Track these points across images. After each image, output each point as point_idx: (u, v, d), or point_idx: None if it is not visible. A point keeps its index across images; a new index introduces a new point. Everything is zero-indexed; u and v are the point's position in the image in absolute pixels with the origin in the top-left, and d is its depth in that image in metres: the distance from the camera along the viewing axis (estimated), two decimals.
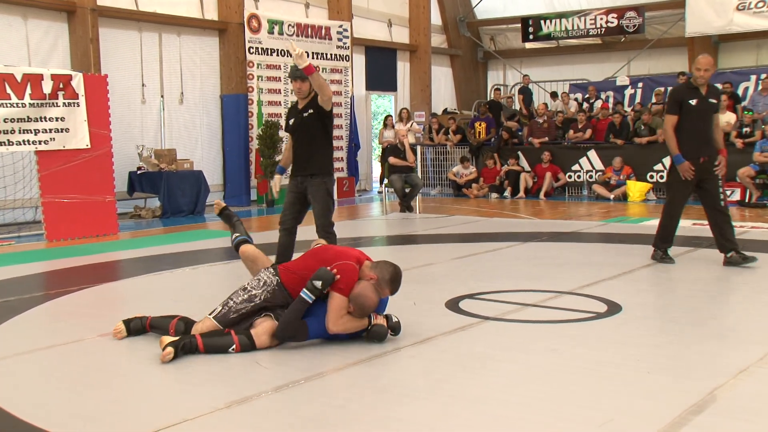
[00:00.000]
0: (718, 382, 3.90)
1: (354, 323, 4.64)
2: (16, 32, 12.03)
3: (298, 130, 6.59)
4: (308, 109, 6.47)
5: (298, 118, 6.56)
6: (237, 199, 14.81)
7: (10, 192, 10.95)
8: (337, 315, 4.57)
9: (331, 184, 6.64)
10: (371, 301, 4.62)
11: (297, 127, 6.59)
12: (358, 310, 4.61)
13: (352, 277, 4.62)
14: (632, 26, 18.98)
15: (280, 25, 15.41)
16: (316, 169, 6.55)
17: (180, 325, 4.80)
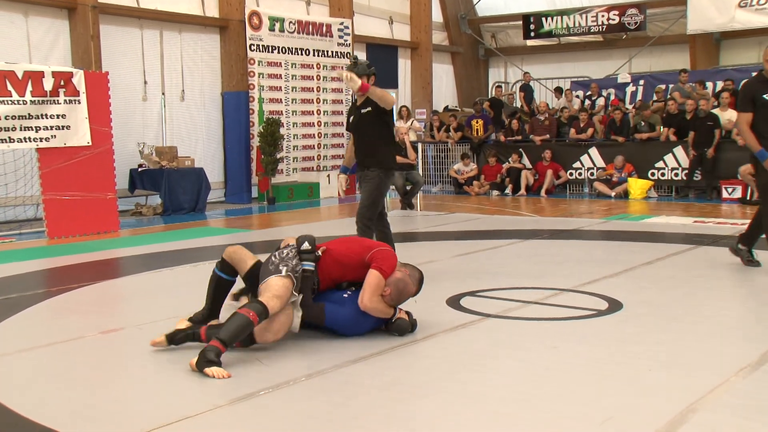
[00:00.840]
0: (719, 379, 3.90)
1: (384, 307, 4.69)
2: (17, 29, 12.03)
3: (358, 128, 6.57)
4: (366, 107, 6.45)
5: (357, 116, 6.55)
6: (238, 197, 14.83)
7: (11, 189, 10.95)
8: (373, 292, 4.61)
9: (385, 179, 6.56)
10: (410, 289, 4.78)
11: (357, 124, 6.57)
12: (396, 295, 4.71)
13: (393, 262, 4.75)
14: (634, 23, 18.96)
15: (281, 22, 15.40)
16: (377, 164, 6.51)
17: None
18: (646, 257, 7.62)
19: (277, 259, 4.64)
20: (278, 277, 4.51)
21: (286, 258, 4.65)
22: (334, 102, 16.69)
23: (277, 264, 4.60)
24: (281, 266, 4.57)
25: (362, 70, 6.38)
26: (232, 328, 4.23)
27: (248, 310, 4.30)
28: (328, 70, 16.43)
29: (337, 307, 4.72)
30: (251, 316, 4.26)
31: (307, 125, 16.22)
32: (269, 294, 4.44)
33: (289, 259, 4.64)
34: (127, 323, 5.43)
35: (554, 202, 14.20)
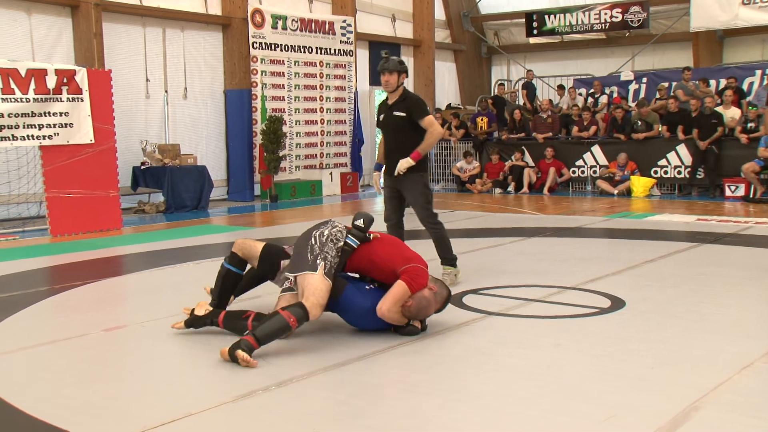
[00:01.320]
0: (721, 377, 3.90)
1: (399, 317, 4.71)
2: (20, 27, 12.04)
3: (389, 126, 6.46)
4: (399, 110, 6.33)
5: (389, 117, 6.43)
6: (240, 195, 14.83)
7: (14, 187, 10.97)
8: (395, 302, 4.62)
9: (426, 177, 6.50)
10: (431, 309, 4.81)
11: (388, 122, 6.46)
12: (415, 311, 4.71)
13: (423, 282, 4.72)
14: (637, 21, 18.92)
15: (284, 20, 15.39)
16: (412, 168, 6.35)
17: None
18: (648, 255, 7.62)
19: (317, 246, 4.61)
20: (322, 279, 4.50)
21: (327, 242, 4.65)
22: (336, 100, 16.68)
23: (317, 255, 4.58)
24: (319, 260, 4.55)
25: (394, 66, 6.25)
26: (270, 329, 4.26)
27: (290, 314, 4.31)
28: (331, 68, 16.42)
29: (356, 292, 4.74)
30: (291, 321, 4.29)
31: (309, 123, 16.21)
32: (314, 300, 4.43)
33: (328, 243, 4.64)
34: (129, 321, 5.44)
35: (557, 199, 14.19)
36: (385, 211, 6.69)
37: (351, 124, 17.00)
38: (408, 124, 6.32)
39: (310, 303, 4.39)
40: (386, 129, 6.53)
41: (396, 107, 6.37)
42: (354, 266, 4.86)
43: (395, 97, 6.38)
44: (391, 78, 6.27)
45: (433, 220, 6.50)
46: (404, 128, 6.34)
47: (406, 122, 6.32)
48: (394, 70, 6.25)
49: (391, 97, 6.42)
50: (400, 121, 6.34)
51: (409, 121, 6.31)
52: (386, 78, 6.28)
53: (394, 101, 6.39)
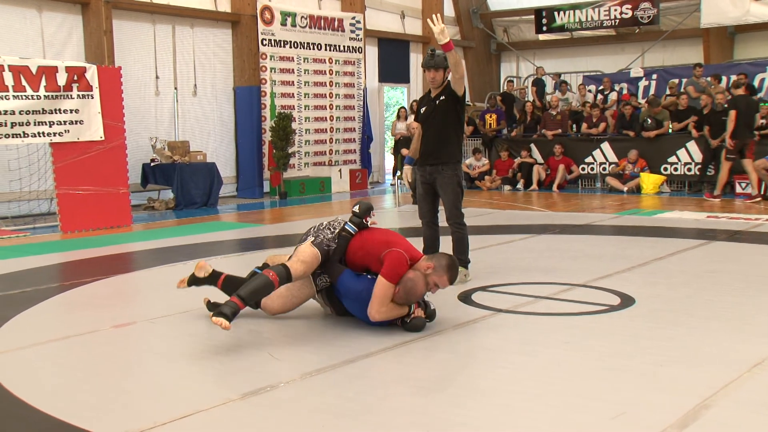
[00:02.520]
0: (732, 375, 3.88)
1: (395, 311, 4.71)
2: (31, 25, 12.09)
3: (430, 118, 6.44)
4: (441, 95, 6.36)
5: (431, 106, 6.44)
6: (250, 192, 14.86)
7: (25, 184, 11.02)
8: (381, 302, 4.62)
9: (461, 174, 6.48)
10: (419, 289, 4.70)
11: (429, 114, 6.45)
12: (404, 295, 4.67)
13: (401, 270, 4.67)
14: (647, 17, 18.84)
15: (293, 17, 15.40)
16: (447, 157, 6.37)
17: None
18: (658, 252, 7.60)
19: (312, 231, 4.88)
20: (308, 245, 4.72)
21: (323, 229, 4.87)
22: (345, 97, 16.69)
23: (312, 233, 4.85)
24: (312, 235, 4.81)
25: (441, 63, 6.25)
26: (252, 287, 4.44)
27: (273, 273, 4.46)
28: (340, 64, 16.42)
29: (352, 276, 4.83)
30: (272, 276, 4.43)
31: (318, 120, 16.23)
32: (295, 258, 4.63)
33: (325, 229, 4.85)
34: (140, 317, 5.46)
35: (566, 196, 14.16)
36: (419, 208, 6.69)
37: (360, 120, 17.00)
38: (451, 108, 6.34)
39: (292, 261, 4.57)
40: (429, 121, 6.48)
41: (437, 96, 6.41)
42: (351, 257, 4.92)
43: (439, 90, 6.40)
44: (438, 75, 6.31)
45: (459, 220, 6.51)
46: (446, 113, 6.35)
47: (449, 104, 6.33)
48: (441, 66, 6.27)
49: (434, 91, 6.44)
50: (442, 105, 6.35)
51: (451, 103, 6.32)
52: (432, 75, 6.32)
53: (437, 93, 6.41)
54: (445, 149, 6.37)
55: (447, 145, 6.38)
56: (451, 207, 6.45)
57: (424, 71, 6.42)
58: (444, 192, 6.44)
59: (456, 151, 6.47)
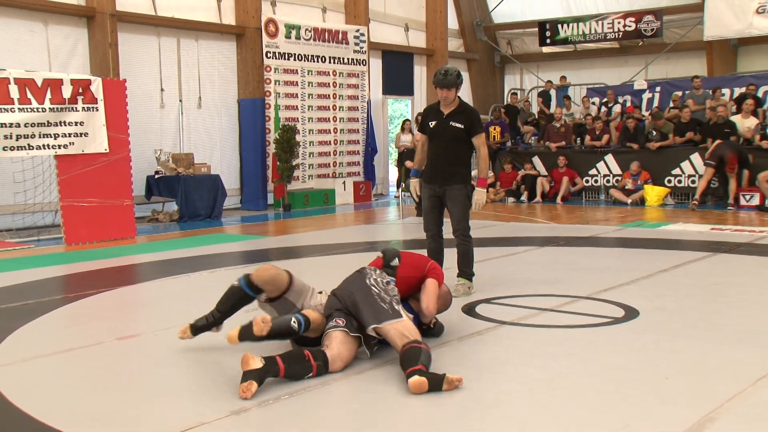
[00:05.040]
0: (736, 388, 3.87)
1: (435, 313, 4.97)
2: (37, 37, 12.15)
3: (442, 136, 6.40)
4: (457, 122, 6.33)
5: (442, 125, 6.39)
6: (254, 204, 14.88)
7: (30, 196, 11.04)
8: (435, 297, 4.90)
9: (471, 191, 6.47)
10: (450, 302, 5.23)
11: (441, 132, 6.41)
12: (442, 306, 5.10)
13: (442, 273, 5.13)
14: (650, 30, 18.89)
15: (297, 30, 15.46)
16: (459, 179, 6.38)
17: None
18: (662, 265, 7.58)
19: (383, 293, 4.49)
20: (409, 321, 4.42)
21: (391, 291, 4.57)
22: (349, 109, 16.72)
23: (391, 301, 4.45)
24: (396, 305, 4.43)
25: (453, 82, 6.24)
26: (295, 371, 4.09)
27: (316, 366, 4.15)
28: (344, 77, 16.47)
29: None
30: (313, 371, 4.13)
31: (322, 132, 16.26)
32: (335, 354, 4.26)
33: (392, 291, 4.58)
34: (143, 329, 5.46)
35: (570, 209, 14.15)
36: (425, 222, 6.66)
37: (364, 133, 17.03)
38: (464, 136, 6.35)
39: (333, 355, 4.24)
40: (438, 138, 6.43)
41: (453, 118, 6.36)
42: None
43: (452, 107, 6.38)
44: (450, 94, 6.30)
45: (466, 232, 6.50)
46: (459, 139, 6.36)
47: (463, 134, 6.34)
48: (453, 85, 6.26)
49: (447, 106, 6.40)
50: (457, 132, 6.34)
51: (466, 134, 6.34)
52: (445, 93, 6.30)
53: (450, 111, 6.38)
54: (457, 171, 6.38)
55: (459, 167, 6.39)
56: (459, 218, 6.44)
57: (436, 88, 6.39)
58: (453, 203, 6.42)
59: (468, 172, 6.48)
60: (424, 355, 4.05)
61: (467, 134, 6.34)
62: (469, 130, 6.33)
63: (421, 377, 3.87)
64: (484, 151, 6.44)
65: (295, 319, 4.38)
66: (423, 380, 3.86)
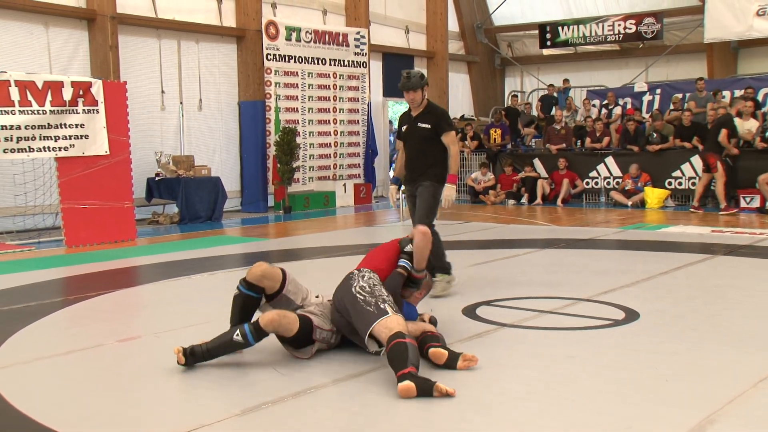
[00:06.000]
0: (737, 390, 3.87)
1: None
2: (37, 40, 12.16)
3: (412, 138, 6.47)
4: (424, 123, 6.37)
5: (412, 128, 6.46)
6: (254, 206, 14.87)
7: (30, 198, 11.04)
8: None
9: (440, 188, 6.45)
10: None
11: (411, 134, 6.48)
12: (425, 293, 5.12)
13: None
14: (650, 32, 18.89)
15: (298, 32, 15.47)
16: (428, 177, 6.41)
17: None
18: (662, 267, 7.58)
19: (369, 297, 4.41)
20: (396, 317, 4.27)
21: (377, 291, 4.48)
22: (350, 111, 16.73)
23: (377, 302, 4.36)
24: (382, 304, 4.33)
25: (417, 83, 6.29)
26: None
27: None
28: (345, 79, 16.48)
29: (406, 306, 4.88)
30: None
31: (323, 134, 16.27)
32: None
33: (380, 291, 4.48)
34: (144, 331, 5.46)
35: (570, 211, 14.15)
36: (413, 222, 6.68)
37: (364, 135, 17.04)
38: (432, 135, 6.37)
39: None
40: (409, 140, 6.52)
41: (421, 119, 6.41)
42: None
43: (420, 108, 6.43)
44: (416, 96, 6.35)
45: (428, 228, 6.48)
46: (428, 139, 6.39)
47: (431, 134, 6.37)
48: (418, 87, 6.30)
49: (415, 109, 6.45)
50: (425, 132, 6.38)
51: (434, 133, 6.36)
52: (411, 96, 6.35)
53: (418, 113, 6.43)
54: (429, 170, 6.41)
55: (430, 167, 6.42)
56: (422, 216, 6.42)
57: (403, 92, 6.41)
58: (419, 199, 6.46)
59: (441, 171, 6.45)
60: (411, 352, 4.00)
61: (435, 133, 6.37)
62: (436, 129, 6.36)
63: (410, 382, 3.85)
64: (454, 149, 6.41)
65: (239, 332, 4.37)
66: (411, 386, 3.84)
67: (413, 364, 3.96)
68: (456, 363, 4.24)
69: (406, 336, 4.08)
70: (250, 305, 4.74)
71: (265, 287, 4.68)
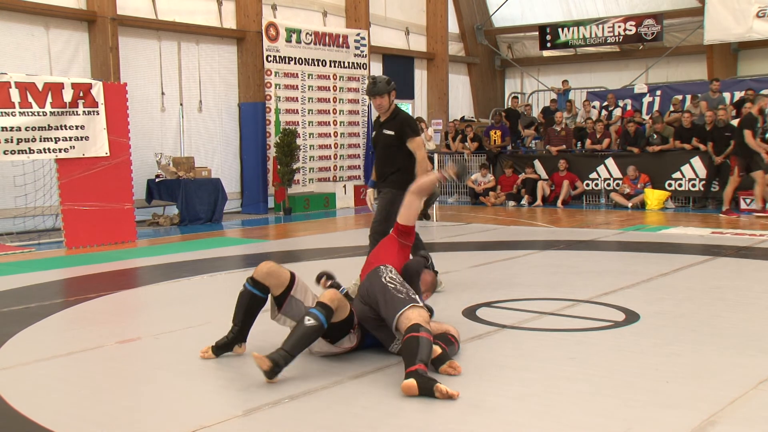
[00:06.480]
0: (738, 391, 3.87)
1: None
2: (38, 42, 12.17)
3: (379, 144, 6.53)
4: (389, 129, 6.39)
5: (379, 134, 6.50)
6: (254, 207, 14.88)
7: (30, 200, 11.05)
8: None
9: (399, 196, 6.19)
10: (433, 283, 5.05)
11: (378, 140, 6.53)
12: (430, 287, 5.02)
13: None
14: (650, 34, 18.91)
15: (298, 34, 15.48)
16: (390, 184, 6.42)
17: None
18: (663, 268, 7.58)
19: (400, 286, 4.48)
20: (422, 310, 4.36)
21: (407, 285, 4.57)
22: (350, 113, 16.74)
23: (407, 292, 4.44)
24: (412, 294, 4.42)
25: (383, 89, 6.30)
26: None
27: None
28: (345, 80, 16.48)
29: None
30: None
31: (323, 136, 16.27)
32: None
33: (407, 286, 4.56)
34: (144, 333, 5.46)
35: (571, 212, 14.15)
36: (371, 226, 6.65)
37: (364, 136, 17.04)
38: (397, 142, 6.38)
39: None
40: (377, 146, 6.60)
41: (386, 125, 6.43)
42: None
43: (387, 114, 6.44)
44: (383, 101, 6.34)
45: (378, 237, 6.40)
46: (393, 146, 6.41)
47: (395, 140, 6.37)
48: (384, 92, 6.30)
49: (383, 115, 6.47)
50: (389, 139, 6.40)
51: (398, 139, 6.36)
52: (378, 102, 6.35)
53: (385, 119, 6.45)
54: (393, 177, 6.41)
55: (394, 173, 6.42)
56: (378, 222, 6.43)
57: (369, 98, 6.43)
58: (378, 204, 6.49)
59: (405, 177, 6.35)
60: (423, 348, 4.00)
61: (399, 140, 6.36)
62: (400, 136, 6.35)
63: (413, 381, 3.86)
64: (419, 155, 6.39)
65: (310, 316, 4.22)
66: (413, 385, 3.85)
67: (422, 360, 3.96)
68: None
69: (421, 329, 4.07)
70: (254, 304, 4.67)
71: (270, 286, 4.61)
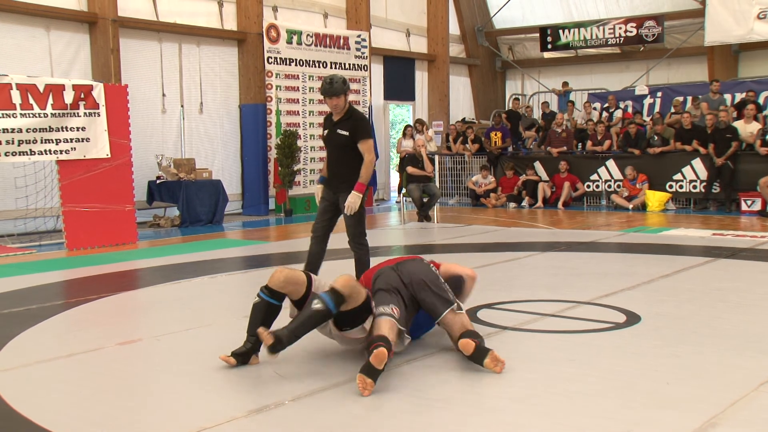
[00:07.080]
0: (738, 393, 3.87)
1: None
2: (39, 43, 12.18)
3: (331, 143, 6.49)
4: (343, 129, 6.35)
5: (332, 133, 6.46)
6: (255, 209, 14.88)
7: (31, 201, 11.05)
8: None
9: (364, 198, 6.44)
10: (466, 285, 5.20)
11: (330, 139, 6.49)
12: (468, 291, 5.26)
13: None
14: (651, 35, 18.90)
15: (299, 35, 15.49)
16: (347, 187, 6.36)
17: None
18: (664, 270, 7.58)
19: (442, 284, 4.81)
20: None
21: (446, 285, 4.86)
22: None
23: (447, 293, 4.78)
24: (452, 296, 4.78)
25: (339, 89, 6.26)
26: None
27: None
28: None
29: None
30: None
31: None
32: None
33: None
34: (145, 334, 5.47)
35: (571, 214, 14.15)
36: (315, 222, 6.67)
37: None
38: (349, 143, 6.34)
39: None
40: (329, 145, 6.53)
41: (340, 125, 6.38)
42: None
43: (340, 114, 6.39)
44: (339, 101, 6.31)
45: (359, 240, 6.46)
46: (345, 146, 6.36)
47: (348, 140, 6.33)
48: (341, 92, 6.27)
49: (337, 114, 6.43)
50: (342, 139, 6.35)
51: (350, 140, 6.33)
52: (334, 102, 6.30)
53: (339, 119, 6.40)
54: (348, 179, 6.35)
55: (349, 175, 6.35)
56: (352, 226, 6.42)
57: (325, 98, 6.37)
58: (345, 211, 6.40)
59: (357, 176, 6.35)
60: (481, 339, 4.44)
61: (352, 141, 6.33)
62: (353, 137, 6.32)
63: (471, 340, 4.33)
64: (368, 158, 6.34)
65: (318, 300, 4.22)
66: (471, 343, 4.32)
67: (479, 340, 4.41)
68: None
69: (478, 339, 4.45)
70: (270, 314, 4.54)
71: (289, 293, 4.51)
